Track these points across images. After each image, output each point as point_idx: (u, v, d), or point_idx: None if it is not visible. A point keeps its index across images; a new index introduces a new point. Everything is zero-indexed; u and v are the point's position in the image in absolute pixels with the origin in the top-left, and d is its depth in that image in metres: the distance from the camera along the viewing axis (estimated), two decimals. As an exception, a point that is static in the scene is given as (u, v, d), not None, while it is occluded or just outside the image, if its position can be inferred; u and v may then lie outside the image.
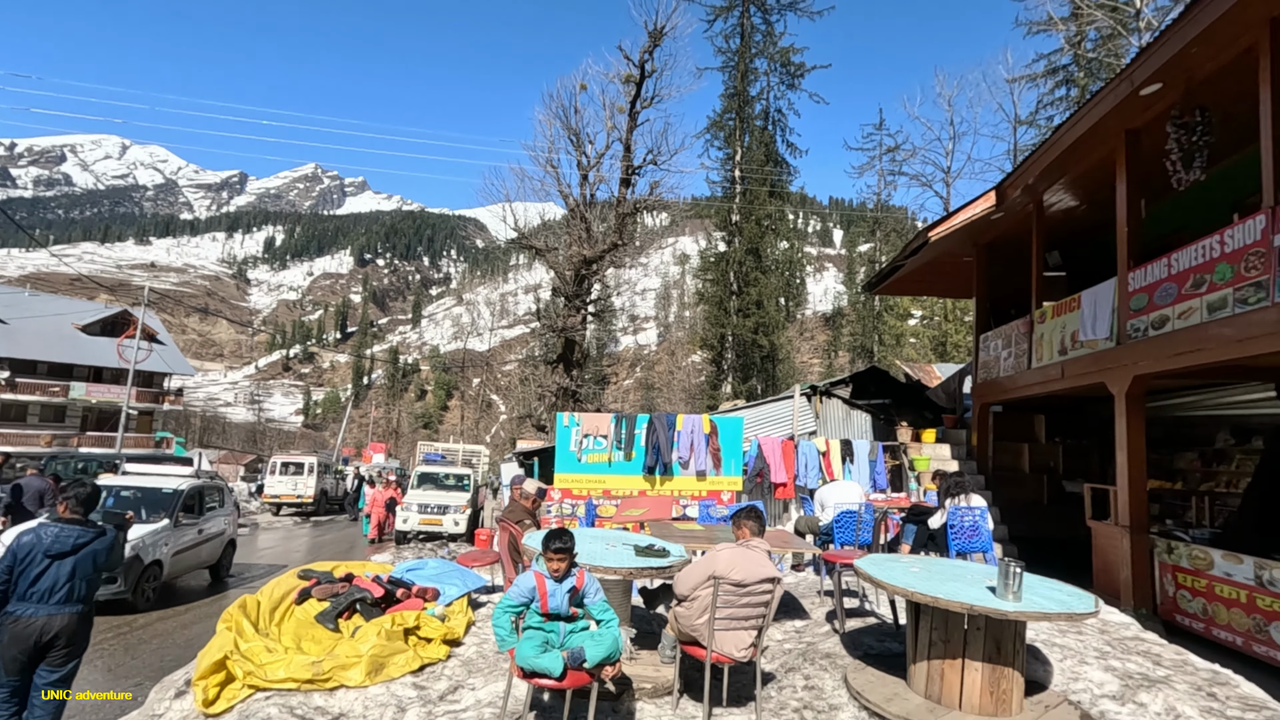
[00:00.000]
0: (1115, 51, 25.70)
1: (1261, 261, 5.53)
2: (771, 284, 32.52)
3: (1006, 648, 3.88)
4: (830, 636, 5.33)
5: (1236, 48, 5.97)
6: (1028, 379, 9.40)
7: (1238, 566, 6.01)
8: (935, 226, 10.04)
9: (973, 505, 6.53)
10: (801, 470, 10.89)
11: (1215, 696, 4.19)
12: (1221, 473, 9.11)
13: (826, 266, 75.13)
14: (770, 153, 34.32)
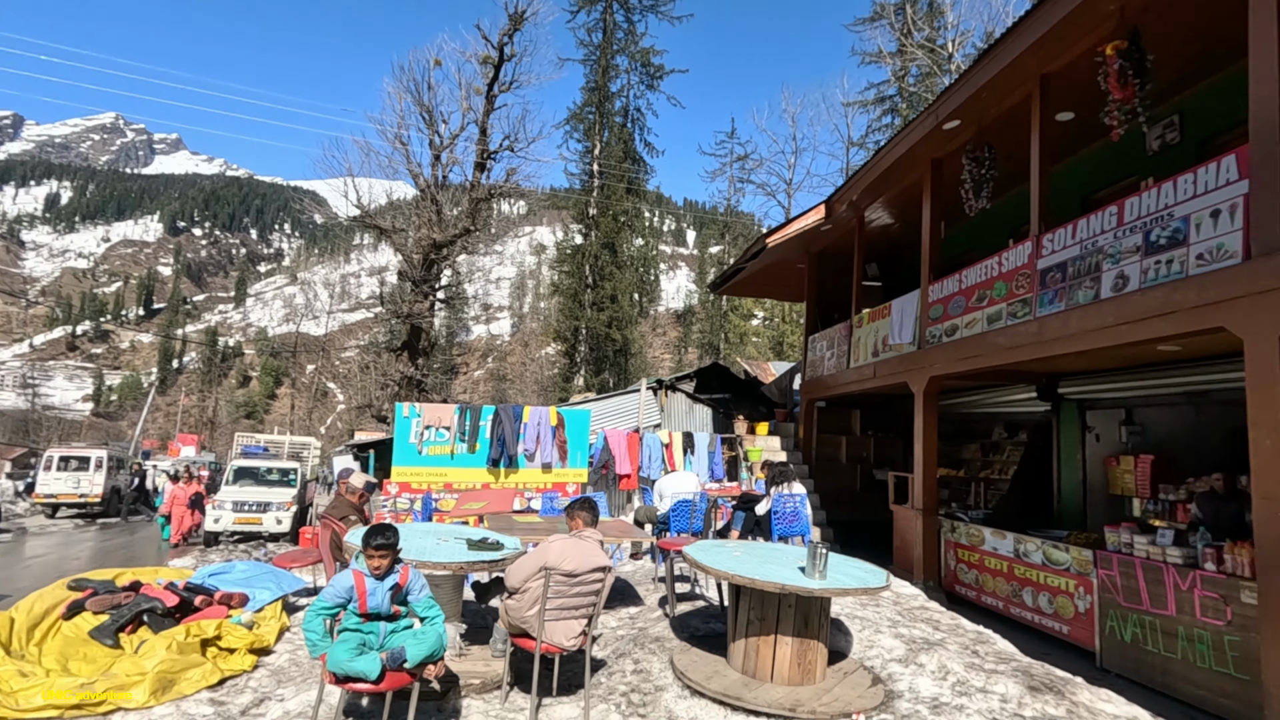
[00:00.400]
0: (931, 88, 28.91)
1: (1028, 281, 6.49)
2: (626, 279, 33.10)
3: (813, 622, 4.25)
4: (661, 621, 5.54)
5: (1016, 97, 6.94)
6: (847, 377, 10.35)
7: (1002, 541, 7.03)
8: (773, 234, 10.73)
9: (794, 492, 7.08)
10: (645, 462, 11.21)
11: (978, 653, 4.87)
12: (996, 461, 10.60)
13: (680, 265, 77.85)
14: (629, 150, 34.86)
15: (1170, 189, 5.05)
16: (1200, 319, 4.64)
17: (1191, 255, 4.78)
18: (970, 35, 27.88)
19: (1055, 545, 6.32)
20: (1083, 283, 5.75)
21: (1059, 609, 6.20)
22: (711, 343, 41.73)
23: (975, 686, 4.22)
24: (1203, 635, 4.82)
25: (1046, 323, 6.09)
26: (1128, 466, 7.60)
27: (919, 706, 4.02)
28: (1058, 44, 6.11)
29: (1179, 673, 5.00)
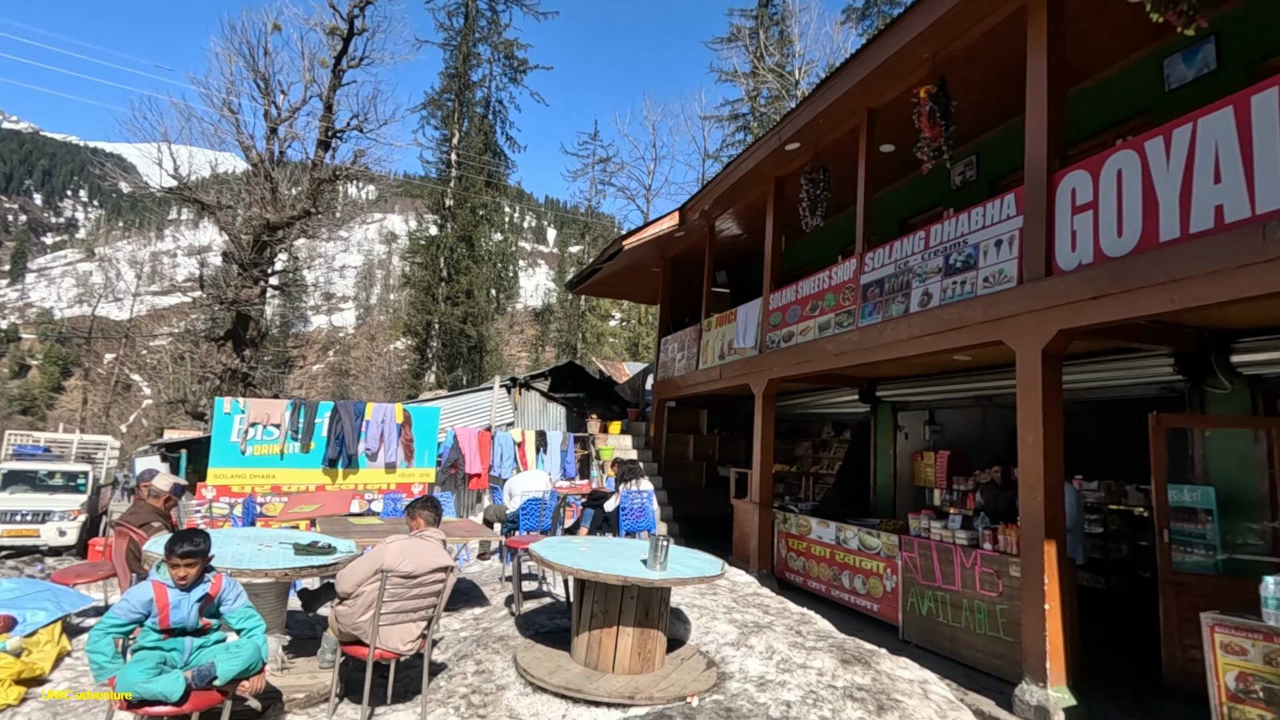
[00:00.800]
0: (780, 111, 30.97)
1: (852, 295, 7.17)
2: (483, 274, 32.26)
3: (654, 612, 4.42)
4: (507, 620, 5.48)
5: (847, 126, 7.65)
6: (696, 378, 10.83)
7: (826, 530, 7.71)
8: (630, 236, 10.98)
9: (642, 489, 7.30)
10: (497, 461, 11.01)
11: (801, 633, 5.30)
12: (825, 458, 11.60)
13: (539, 263, 77.09)
14: (489, 142, 34.04)
15: (966, 219, 5.81)
16: (985, 333, 5.39)
17: (980, 278, 5.54)
18: (815, 65, 30.22)
19: (869, 532, 7.04)
20: (896, 298, 6.46)
21: (870, 589, 6.92)
22: (569, 342, 41.82)
23: (797, 663, 4.60)
24: (981, 605, 5.60)
25: (866, 332, 6.76)
26: (929, 461, 8.63)
27: (747, 685, 4.31)
28: (882, 82, 6.82)
29: (963, 639, 5.76)
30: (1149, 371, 5.77)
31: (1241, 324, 5.04)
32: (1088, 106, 6.72)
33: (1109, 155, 4.61)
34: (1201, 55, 5.82)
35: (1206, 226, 3.95)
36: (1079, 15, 5.59)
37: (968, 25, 5.88)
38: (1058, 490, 4.85)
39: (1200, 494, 5.26)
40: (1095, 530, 6.92)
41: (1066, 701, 4.54)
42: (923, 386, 8.62)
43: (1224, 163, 3.90)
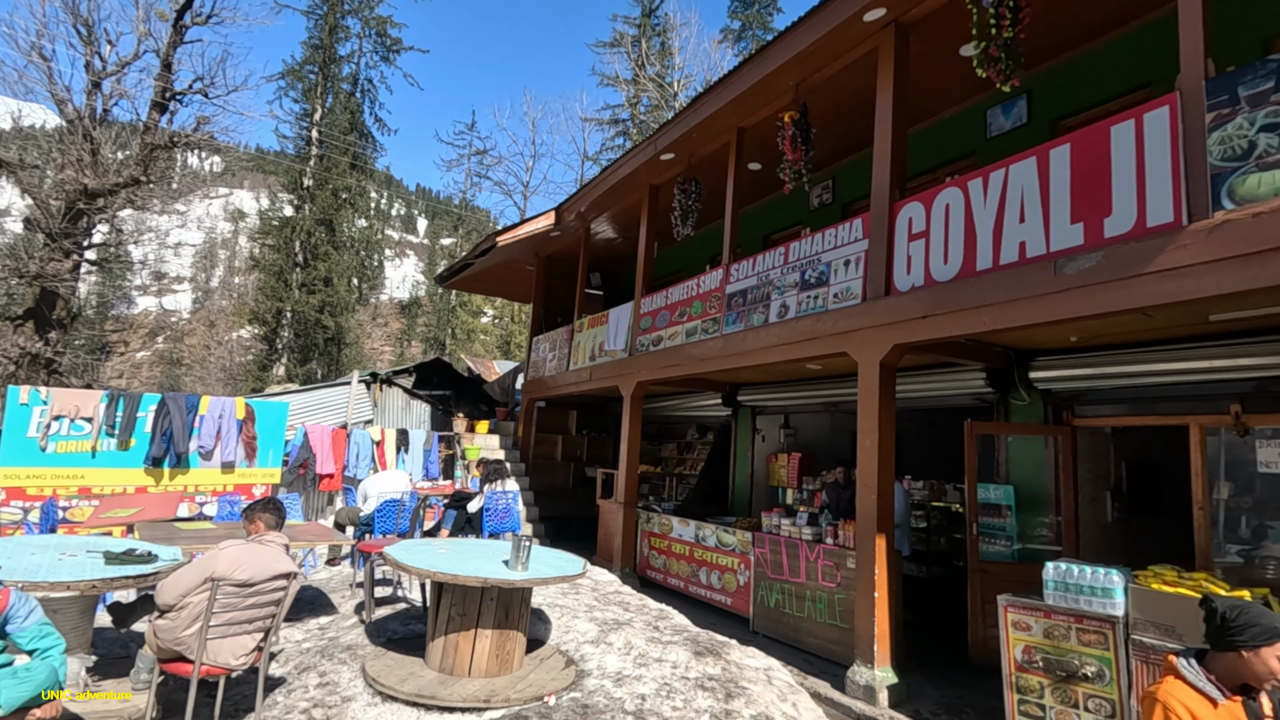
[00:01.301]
0: (659, 120, 31.73)
1: (718, 303, 7.50)
2: (345, 262, 30.32)
3: (514, 613, 4.38)
4: (356, 628, 5.20)
5: (718, 142, 8.00)
6: (566, 379, 10.83)
7: (686, 529, 8.00)
8: (503, 233, 10.80)
9: (507, 490, 7.20)
10: (353, 460, 10.39)
11: (659, 628, 5.48)
12: (688, 459, 12.00)
13: (408, 253, 73.49)
14: (356, 122, 32.09)
15: (820, 239, 6.28)
16: (833, 345, 5.85)
17: (831, 294, 6.01)
18: (693, 79, 31.25)
19: (726, 530, 7.39)
20: (758, 308, 6.84)
21: (725, 584, 7.26)
22: (437, 337, 40.28)
23: (653, 657, 4.75)
24: (821, 596, 6.06)
25: (730, 339, 7.11)
26: (783, 462, 9.20)
27: (604, 681, 4.39)
28: (751, 104, 7.21)
29: (805, 628, 6.21)
30: (965, 384, 6.53)
31: (1039, 345, 5.84)
32: (926, 144, 7.48)
33: (939, 190, 5.17)
34: (1016, 109, 6.69)
35: (1013, 259, 4.54)
36: (921, 63, 6.22)
37: (827, 60, 6.36)
38: (889, 489, 5.36)
39: (1003, 492, 6.03)
40: (920, 525, 7.72)
41: (890, 680, 5.02)
42: (779, 392, 9.18)
43: (1027, 205, 4.52)
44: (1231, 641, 2.08)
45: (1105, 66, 6.02)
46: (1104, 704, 3.80)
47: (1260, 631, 2.06)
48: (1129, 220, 3.91)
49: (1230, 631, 2.10)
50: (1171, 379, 5.17)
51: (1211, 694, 2.08)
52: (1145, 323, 4.64)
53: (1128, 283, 3.85)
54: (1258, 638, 2.05)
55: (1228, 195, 3.51)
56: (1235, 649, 2.08)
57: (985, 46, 4.85)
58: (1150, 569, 3.84)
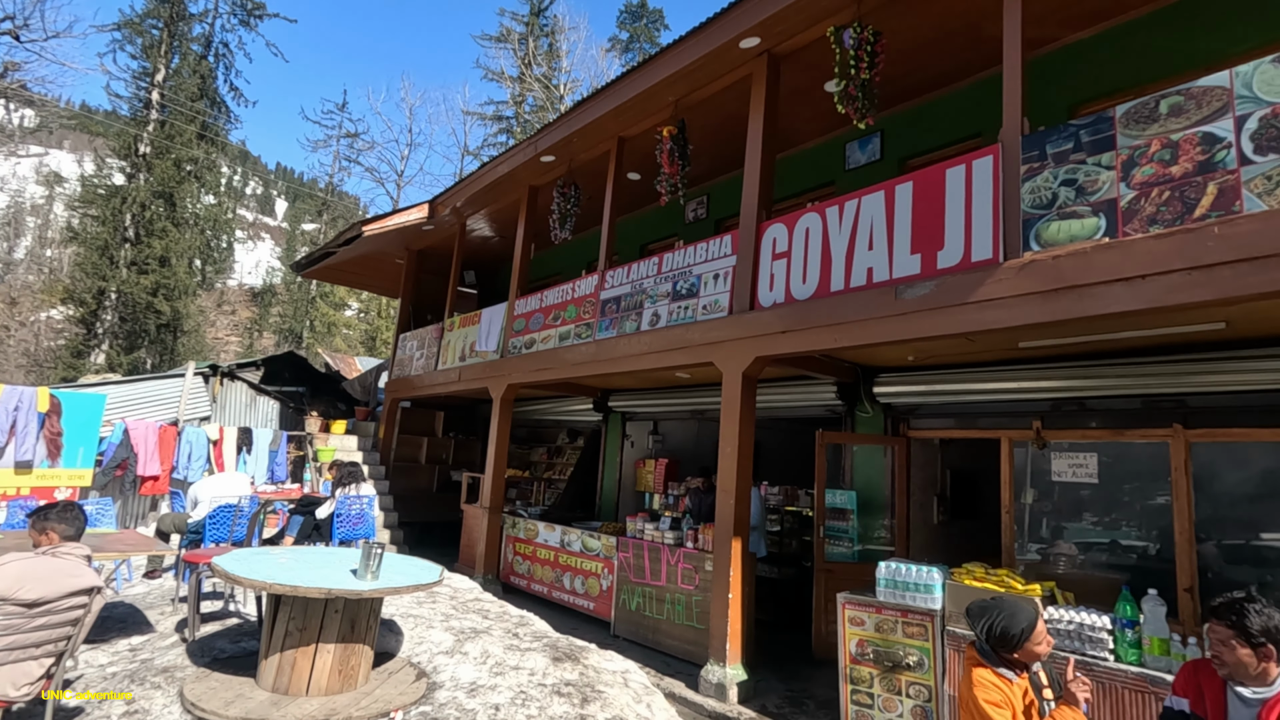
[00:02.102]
0: (544, 121, 31.47)
1: (593, 309, 7.54)
2: (187, 240, 27.35)
3: (360, 625, 4.13)
4: (176, 648, 4.68)
5: (599, 149, 8.06)
6: (434, 379, 10.42)
7: (552, 534, 7.94)
8: (371, 222, 10.24)
9: (362, 494, 6.79)
10: (183, 461, 9.38)
11: (518, 635, 5.38)
12: (558, 464, 11.95)
13: (264, 237, 67.45)
14: (208, 89, 29.17)
15: (693, 251, 6.49)
16: (701, 355, 6.06)
17: (700, 305, 6.22)
18: (580, 84, 31.31)
19: (592, 534, 7.42)
20: (631, 315, 6.95)
21: (589, 589, 7.28)
22: (293, 330, 37.34)
23: (510, 665, 4.65)
24: (680, 598, 6.23)
25: (602, 345, 7.16)
26: (650, 468, 9.39)
27: (457, 693, 4.24)
28: (632, 115, 7.33)
29: (664, 630, 6.35)
30: (818, 396, 7.00)
31: (882, 362, 6.38)
32: (793, 170, 7.96)
33: (801, 215, 5.52)
34: (871, 146, 7.28)
35: (861, 283, 4.94)
36: (790, 93, 6.62)
37: (706, 80, 6.60)
38: (746, 494, 5.62)
39: (847, 497, 6.51)
40: (774, 529, 8.15)
41: (740, 677, 5.25)
42: (649, 399, 9.37)
43: (875, 234, 4.93)
44: (1016, 642, 2.51)
45: (946, 114, 6.70)
46: (923, 689, 4.20)
47: (1017, 636, 2.48)
48: (958, 254, 4.37)
49: (1001, 643, 2.52)
50: (988, 397, 5.83)
51: (1007, 674, 2.44)
52: (968, 346, 5.20)
53: (955, 310, 4.30)
54: (1020, 640, 2.48)
55: (1035, 238, 4.02)
56: (1021, 645, 2.51)
57: (845, 85, 5.25)
58: (964, 566, 4.30)
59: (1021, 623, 2.47)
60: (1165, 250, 3.46)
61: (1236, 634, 2.17)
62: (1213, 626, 2.28)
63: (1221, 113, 3.42)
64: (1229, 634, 2.20)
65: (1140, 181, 3.65)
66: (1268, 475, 4.60)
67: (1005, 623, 2.49)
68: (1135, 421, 5.05)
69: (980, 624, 2.55)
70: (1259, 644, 2.14)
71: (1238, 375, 4.47)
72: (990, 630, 2.51)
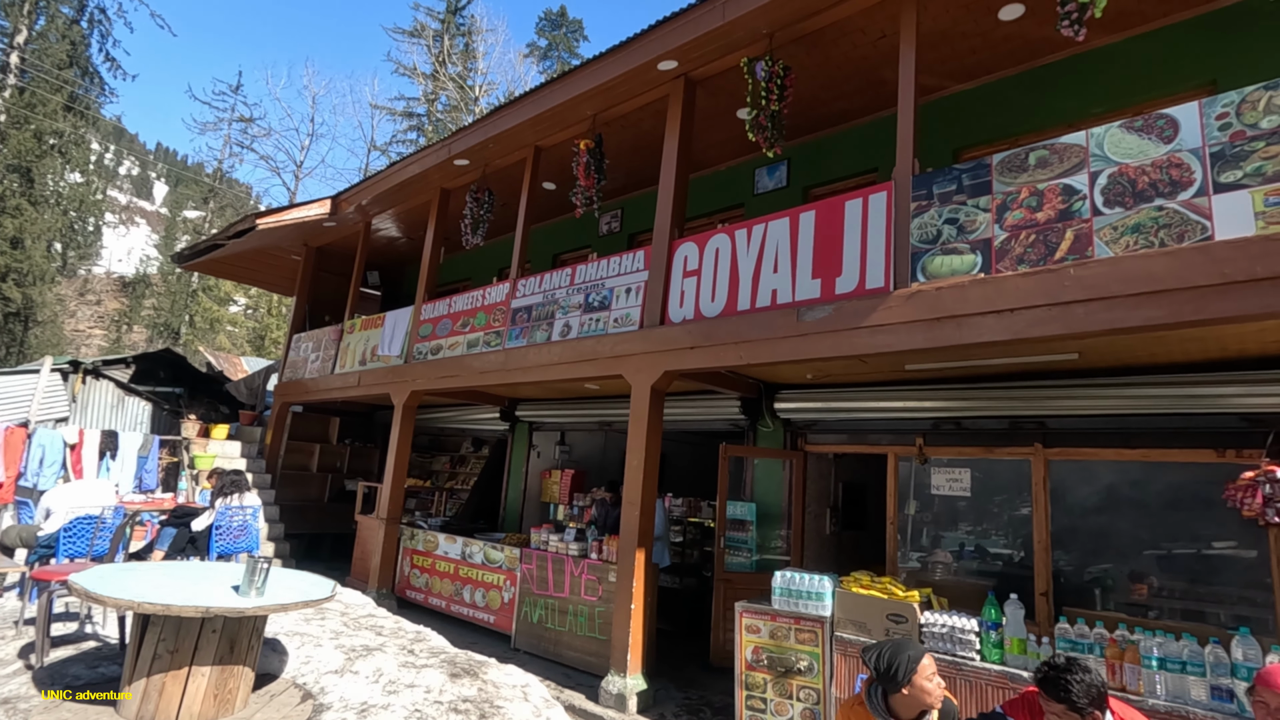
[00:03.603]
0: (457, 121, 30.77)
1: (503, 317, 7.45)
2: (45, 221, 24.70)
3: (241, 645, 3.87)
4: (20, 675, 4.20)
5: (515, 156, 8.01)
6: (331, 383, 9.92)
7: (453, 545, 7.73)
8: (266, 215, 9.66)
9: (245, 504, 6.37)
10: (33, 467, 8.44)
11: (414, 652, 5.20)
12: (461, 473, 11.64)
13: (139, 222, 61.70)
14: (78, 56, 26.58)
15: (606, 265, 6.56)
16: (611, 367, 6.12)
17: (611, 318, 6.29)
18: (496, 87, 30.92)
19: (494, 546, 7.28)
20: (541, 325, 6.92)
21: (490, 602, 7.14)
22: (170, 324, 34.43)
23: (404, 683, 4.49)
24: (583, 609, 6.23)
25: (512, 354, 7.08)
26: (556, 479, 9.34)
27: (347, 714, 4.05)
28: (550, 125, 7.34)
29: (566, 642, 6.32)
30: (723, 411, 7.22)
31: (783, 380, 6.67)
32: (705, 191, 8.21)
33: (712, 235, 5.71)
34: (778, 173, 7.64)
35: (766, 304, 5.16)
36: (705, 116, 6.85)
37: (624, 97, 6.72)
38: (651, 505, 5.72)
39: (747, 508, 6.74)
40: (677, 540, 8.31)
41: (640, 687, 5.31)
42: (557, 410, 9.33)
43: (780, 258, 5.18)
44: (895, 683, 2.50)
45: (847, 148, 7.14)
46: (812, 693, 4.41)
47: (903, 666, 2.49)
48: (854, 281, 4.67)
49: (891, 675, 2.50)
50: (877, 415, 6.23)
51: None
52: (862, 367, 5.55)
53: (850, 333, 4.59)
54: (906, 673, 2.48)
55: (922, 270, 4.36)
56: (899, 689, 2.50)
57: (756, 114, 5.51)
58: (852, 575, 4.56)
59: (905, 654, 2.49)
60: (1030, 287, 3.86)
61: (1067, 708, 2.37)
62: (1045, 701, 2.45)
63: (1079, 168, 3.86)
64: (1061, 708, 2.39)
65: (1011, 224, 4.05)
66: (1112, 491, 5.18)
67: (890, 654, 2.50)
68: (1003, 440, 5.55)
69: (869, 658, 2.57)
70: (1087, 712, 2.36)
71: (1089, 400, 5.02)
72: (878, 664, 2.52)
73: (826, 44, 5.88)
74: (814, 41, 5.80)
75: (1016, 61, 6.06)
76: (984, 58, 6.05)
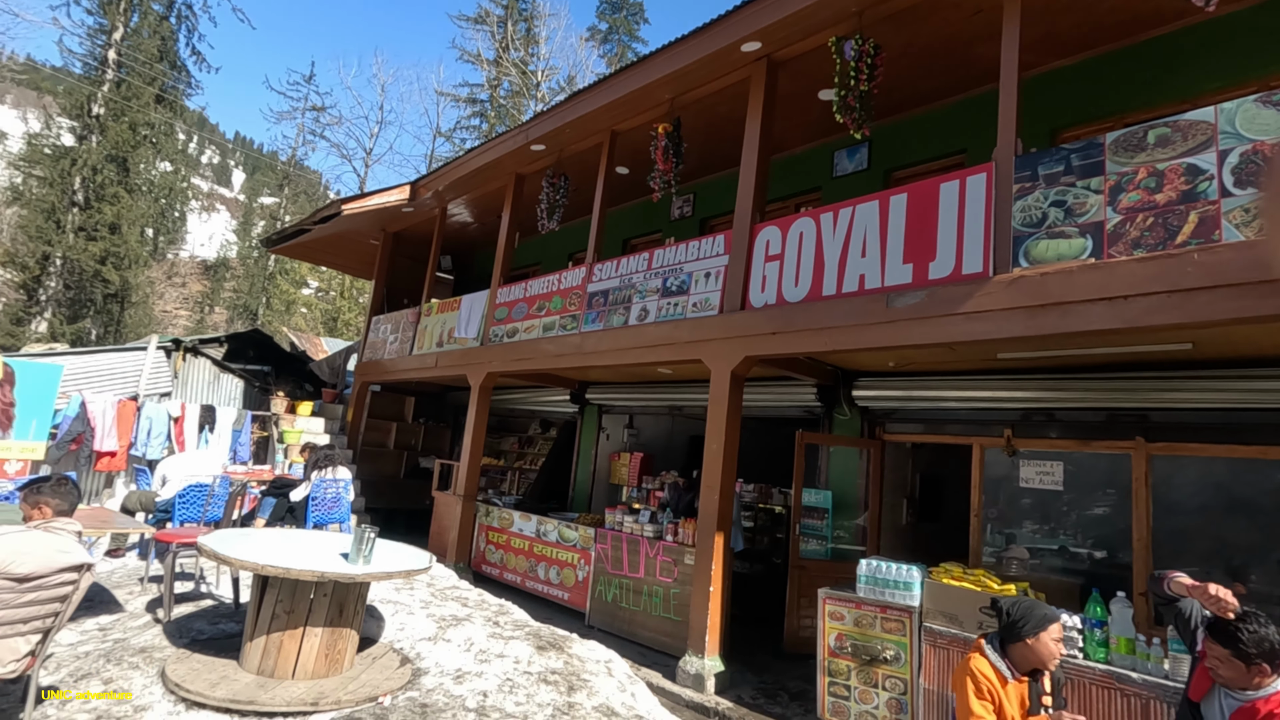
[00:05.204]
0: (519, 107, 31.12)
1: (579, 301, 7.55)
2: (140, 209, 26.25)
3: (348, 609, 4.10)
4: (151, 628, 4.56)
5: (591, 141, 8.06)
6: (408, 364, 10.28)
7: (527, 523, 7.94)
8: (350, 201, 10.02)
9: (338, 477, 6.69)
10: (143, 438, 9.07)
11: (499, 624, 5.39)
12: (530, 453, 11.91)
13: (219, 208, 64.91)
14: (168, 50, 27.99)
15: (684, 249, 6.56)
16: (689, 352, 6.14)
17: (690, 302, 6.30)
18: (557, 72, 31.05)
19: (569, 525, 7.45)
20: (618, 309, 6.99)
21: (564, 579, 7.32)
22: (249, 305, 36.22)
23: (494, 653, 4.67)
24: (658, 590, 6.32)
25: (588, 338, 7.18)
26: (625, 461, 9.45)
27: (444, 679, 4.25)
28: (626, 110, 7.35)
29: (640, 621, 6.44)
30: (799, 397, 7.16)
31: (862, 367, 6.56)
32: (781, 174, 8.08)
33: (795, 219, 5.64)
34: (859, 155, 7.46)
35: (853, 289, 5.08)
36: (784, 98, 6.73)
37: (701, 81, 6.67)
38: (730, 489, 5.74)
39: (822, 496, 6.69)
40: (747, 525, 8.30)
41: (718, 668, 5.37)
42: (627, 393, 9.42)
43: (869, 242, 5.07)
44: (1018, 633, 2.55)
45: (934, 129, 6.91)
46: (899, 683, 4.37)
47: (1037, 621, 2.55)
48: (949, 266, 4.54)
49: (1015, 625, 2.57)
50: (962, 404, 6.06)
51: (1004, 672, 2.54)
52: (949, 355, 5.40)
53: (943, 320, 4.47)
54: (1037, 626, 2.54)
55: (1024, 255, 4.21)
56: (1022, 639, 2.55)
57: (844, 95, 5.38)
58: (941, 566, 4.48)
59: (1039, 611, 2.55)
60: (1146, 273, 3.67)
61: (1233, 654, 2.29)
62: (1209, 644, 2.38)
63: (1205, 145, 3.64)
64: (1225, 653, 2.31)
65: (1126, 206, 3.86)
66: (1220, 488, 4.91)
67: (1026, 608, 2.55)
68: (1100, 433, 5.33)
69: (1004, 604, 2.63)
70: (1255, 662, 2.26)
71: (1199, 393, 4.76)
72: (1010, 611, 2.58)
73: (917, 21, 5.68)
74: (904, 19, 5.61)
75: (1119, 36, 5.72)
76: (1086, 32, 5.74)
